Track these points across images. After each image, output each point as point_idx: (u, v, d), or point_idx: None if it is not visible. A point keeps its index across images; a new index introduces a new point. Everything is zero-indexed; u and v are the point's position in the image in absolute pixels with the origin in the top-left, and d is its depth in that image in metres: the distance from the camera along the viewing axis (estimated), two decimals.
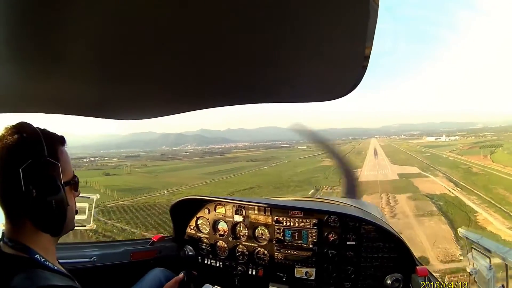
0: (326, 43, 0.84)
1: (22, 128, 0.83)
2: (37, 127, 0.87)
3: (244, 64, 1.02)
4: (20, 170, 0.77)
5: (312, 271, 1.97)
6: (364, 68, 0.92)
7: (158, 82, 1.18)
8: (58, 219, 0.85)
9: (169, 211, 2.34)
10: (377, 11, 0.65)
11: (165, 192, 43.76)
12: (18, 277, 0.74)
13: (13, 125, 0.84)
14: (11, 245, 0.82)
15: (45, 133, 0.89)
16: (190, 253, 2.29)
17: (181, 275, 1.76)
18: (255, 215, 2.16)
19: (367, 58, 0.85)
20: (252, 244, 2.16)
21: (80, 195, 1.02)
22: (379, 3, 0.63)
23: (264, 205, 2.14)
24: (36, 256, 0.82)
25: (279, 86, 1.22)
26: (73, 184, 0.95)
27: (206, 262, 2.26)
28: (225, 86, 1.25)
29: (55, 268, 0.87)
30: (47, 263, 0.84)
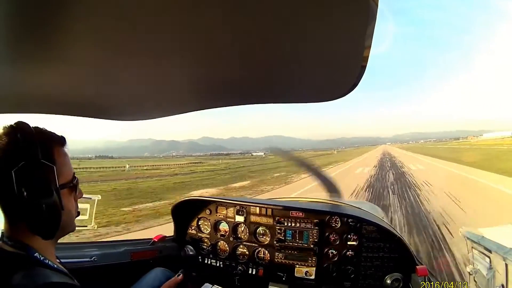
0: (326, 43, 0.84)
1: (17, 129, 0.82)
2: (35, 127, 0.86)
3: (244, 65, 1.02)
4: (12, 172, 0.76)
5: (312, 271, 1.97)
6: (363, 68, 0.92)
7: (158, 82, 1.18)
8: (50, 223, 0.83)
9: (170, 212, 2.35)
10: (377, 11, 0.65)
11: None
12: (18, 274, 0.74)
13: (9, 126, 0.83)
14: (11, 244, 0.82)
15: (42, 134, 0.87)
16: (190, 253, 2.29)
17: (180, 276, 1.76)
18: (256, 216, 2.16)
19: (366, 58, 0.86)
20: (253, 244, 2.16)
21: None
22: (379, 3, 0.63)
23: (266, 206, 2.14)
24: (35, 255, 0.82)
25: (278, 86, 1.22)
26: (71, 186, 0.93)
27: (206, 262, 2.26)
28: (225, 87, 1.25)
29: (55, 266, 0.87)
30: (47, 261, 0.84)
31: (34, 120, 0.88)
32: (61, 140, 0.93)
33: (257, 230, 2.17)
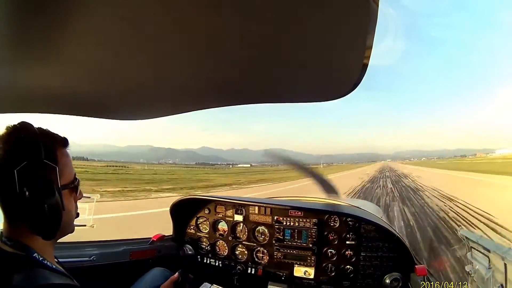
0: (326, 42, 0.84)
1: (21, 129, 0.82)
2: (38, 128, 0.86)
3: (244, 64, 1.02)
4: (15, 171, 0.75)
5: (311, 270, 1.98)
6: (365, 67, 0.92)
7: (158, 82, 1.18)
8: (51, 223, 0.82)
9: (169, 211, 2.34)
10: (377, 11, 0.66)
11: None
12: (17, 275, 0.74)
13: (12, 125, 0.83)
14: (10, 244, 0.82)
15: (45, 134, 0.88)
16: (189, 252, 2.30)
17: (176, 275, 1.76)
18: (255, 215, 2.16)
19: (367, 57, 0.86)
20: (252, 244, 2.16)
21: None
22: (379, 4, 0.64)
23: (265, 205, 2.14)
24: (34, 255, 0.82)
25: (279, 85, 1.22)
26: (73, 187, 0.93)
27: (205, 261, 2.26)
28: (225, 87, 1.25)
29: (54, 267, 0.87)
30: (46, 262, 0.84)
31: (34, 120, 0.88)
32: (64, 141, 0.93)
33: (256, 230, 2.17)
